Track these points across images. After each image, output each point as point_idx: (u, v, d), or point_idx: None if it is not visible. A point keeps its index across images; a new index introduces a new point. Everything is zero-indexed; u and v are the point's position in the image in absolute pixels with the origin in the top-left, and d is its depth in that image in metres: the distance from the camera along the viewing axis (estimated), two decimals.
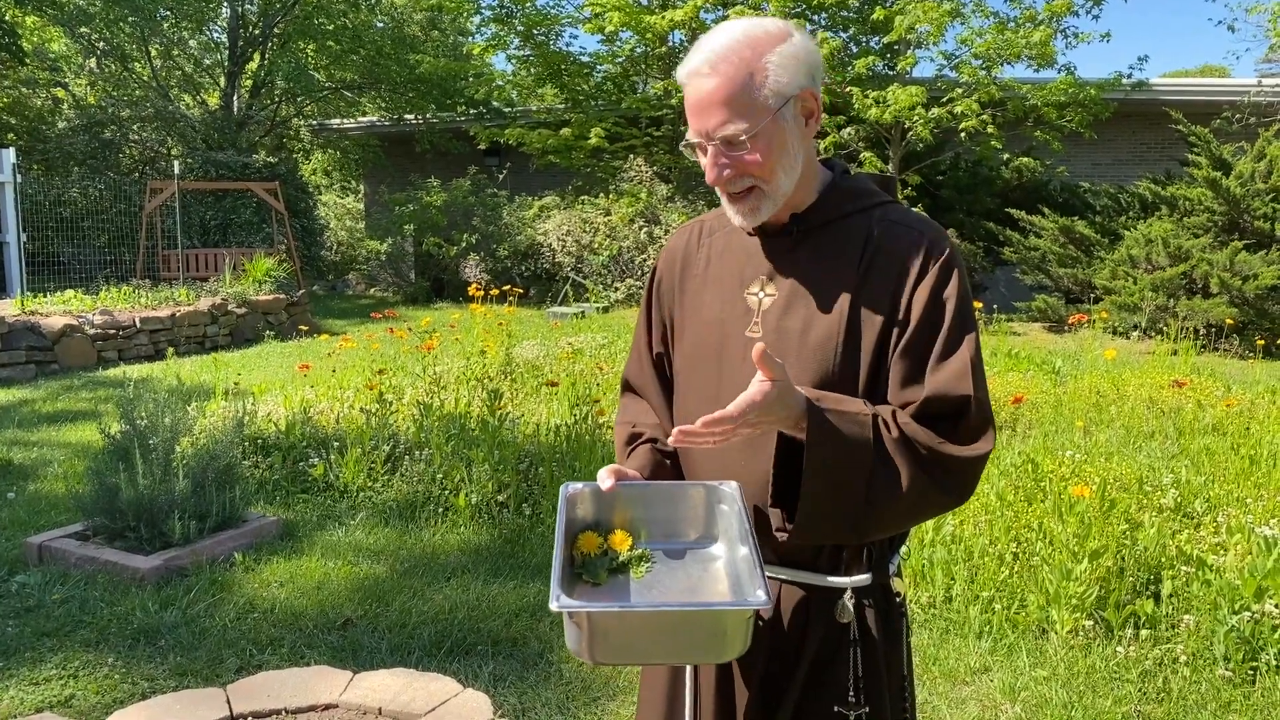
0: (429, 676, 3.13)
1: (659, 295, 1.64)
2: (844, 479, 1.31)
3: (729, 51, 1.36)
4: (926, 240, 1.42)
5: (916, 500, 1.34)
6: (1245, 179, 11.26)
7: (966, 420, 1.34)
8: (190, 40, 21.01)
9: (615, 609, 1.30)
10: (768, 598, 1.24)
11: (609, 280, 15.33)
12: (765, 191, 1.40)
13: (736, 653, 1.28)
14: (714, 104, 1.35)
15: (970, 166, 14.73)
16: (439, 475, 5.01)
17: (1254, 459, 4.96)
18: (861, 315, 1.40)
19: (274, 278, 12.68)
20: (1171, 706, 3.08)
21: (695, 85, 1.37)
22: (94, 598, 3.84)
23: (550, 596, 1.25)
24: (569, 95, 17.07)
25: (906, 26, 12.85)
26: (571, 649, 1.30)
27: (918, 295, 1.38)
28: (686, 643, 1.28)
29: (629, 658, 1.36)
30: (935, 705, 3.12)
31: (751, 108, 1.35)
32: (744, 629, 1.27)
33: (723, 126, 1.35)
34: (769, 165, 1.38)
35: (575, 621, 1.26)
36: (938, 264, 1.39)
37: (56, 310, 10.11)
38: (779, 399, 1.28)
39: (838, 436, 1.30)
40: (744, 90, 1.34)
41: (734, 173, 1.39)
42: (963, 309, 1.38)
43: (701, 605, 1.35)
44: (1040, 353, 9.32)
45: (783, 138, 1.38)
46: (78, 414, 7.34)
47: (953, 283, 1.39)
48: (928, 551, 3.88)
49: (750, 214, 1.43)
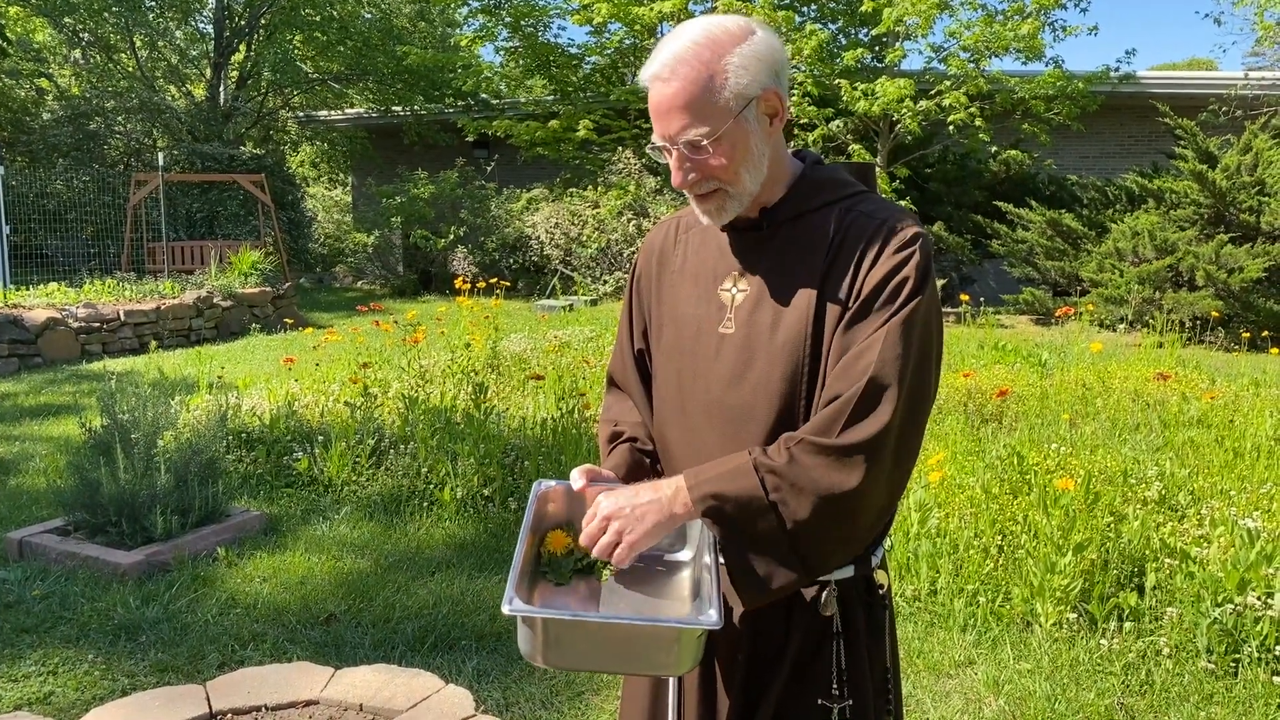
0: (410, 672, 3.11)
1: (639, 291, 1.64)
2: (753, 526, 1.30)
3: (688, 54, 1.34)
4: (887, 227, 1.39)
5: (836, 507, 1.29)
6: (1231, 172, 11.29)
7: (863, 401, 1.29)
8: (176, 31, 20.84)
9: (567, 617, 1.31)
10: (719, 618, 1.24)
11: (597, 273, 15.30)
12: (730, 193, 1.40)
13: (686, 668, 1.30)
14: (675, 109, 1.34)
15: (958, 159, 14.75)
16: (424, 469, 4.99)
17: (1238, 452, 4.98)
18: (826, 308, 1.38)
19: (260, 270, 12.61)
20: (1154, 699, 3.09)
21: (656, 90, 1.36)
22: (75, 593, 3.81)
23: (504, 599, 1.26)
24: (557, 87, 17.01)
25: (895, 19, 12.84)
26: (523, 651, 1.31)
27: (870, 278, 1.36)
28: (636, 655, 1.29)
29: (578, 664, 1.37)
30: (919, 698, 3.12)
31: (712, 111, 1.34)
32: (695, 646, 1.28)
33: (684, 131, 1.35)
34: (733, 168, 1.37)
35: (528, 625, 1.27)
36: (894, 247, 1.36)
37: (40, 303, 10.04)
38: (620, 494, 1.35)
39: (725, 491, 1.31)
40: (704, 94, 1.33)
41: (699, 175, 1.39)
42: (905, 288, 1.33)
43: (652, 621, 1.35)
44: (1027, 345, 9.34)
45: (745, 139, 1.37)
46: (60, 408, 7.29)
47: (907, 265, 1.35)
48: (913, 545, 3.88)
49: (716, 214, 1.43)
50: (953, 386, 6.44)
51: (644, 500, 1.33)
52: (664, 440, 1.56)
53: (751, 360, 1.41)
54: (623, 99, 15.78)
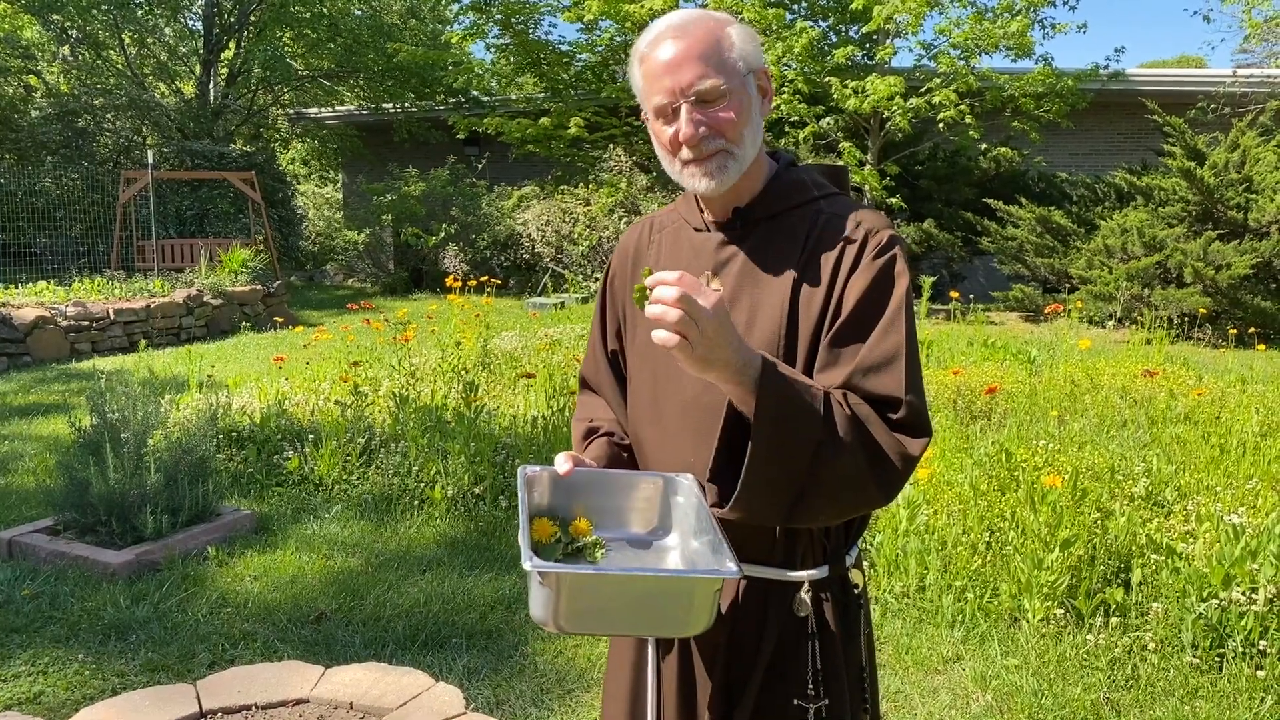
0: (401, 670, 3.12)
1: (613, 292, 1.64)
2: (791, 445, 1.26)
3: (694, 19, 1.39)
4: (864, 230, 1.39)
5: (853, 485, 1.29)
6: (1219, 169, 11.35)
7: (902, 419, 1.31)
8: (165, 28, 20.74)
9: (589, 571, 1.29)
10: (738, 569, 1.23)
11: (589, 270, 15.30)
12: (734, 154, 1.39)
13: (701, 627, 1.28)
14: (689, 59, 1.35)
15: (948, 156, 14.79)
16: (415, 468, 4.99)
17: (1224, 448, 5.01)
18: (799, 310, 1.39)
19: (250, 268, 12.58)
20: (1140, 694, 3.12)
21: (666, 48, 1.37)
22: (64, 593, 3.81)
23: (522, 556, 1.24)
24: (548, 84, 16.99)
25: (885, 16, 12.86)
26: (536, 616, 1.27)
27: (851, 286, 1.36)
28: (654, 612, 1.27)
29: (595, 626, 1.33)
30: (907, 694, 3.14)
31: (724, 66, 1.37)
32: (711, 602, 1.27)
33: (699, 80, 1.35)
34: (739, 126, 1.38)
35: (545, 584, 1.23)
36: (873, 254, 1.37)
37: (29, 302, 9.99)
38: (730, 326, 1.23)
39: (791, 398, 1.26)
40: (716, 50, 1.37)
41: (709, 130, 1.37)
42: (897, 305, 1.35)
43: (675, 572, 1.36)
44: (1017, 342, 9.37)
45: (749, 104, 1.40)
46: (49, 407, 7.26)
47: (889, 277, 1.36)
48: (901, 541, 3.90)
49: (718, 173, 1.39)
50: (942, 383, 6.46)
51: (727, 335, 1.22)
52: (639, 440, 1.57)
53: None
54: (614, 96, 15.76)
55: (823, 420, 1.27)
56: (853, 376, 1.32)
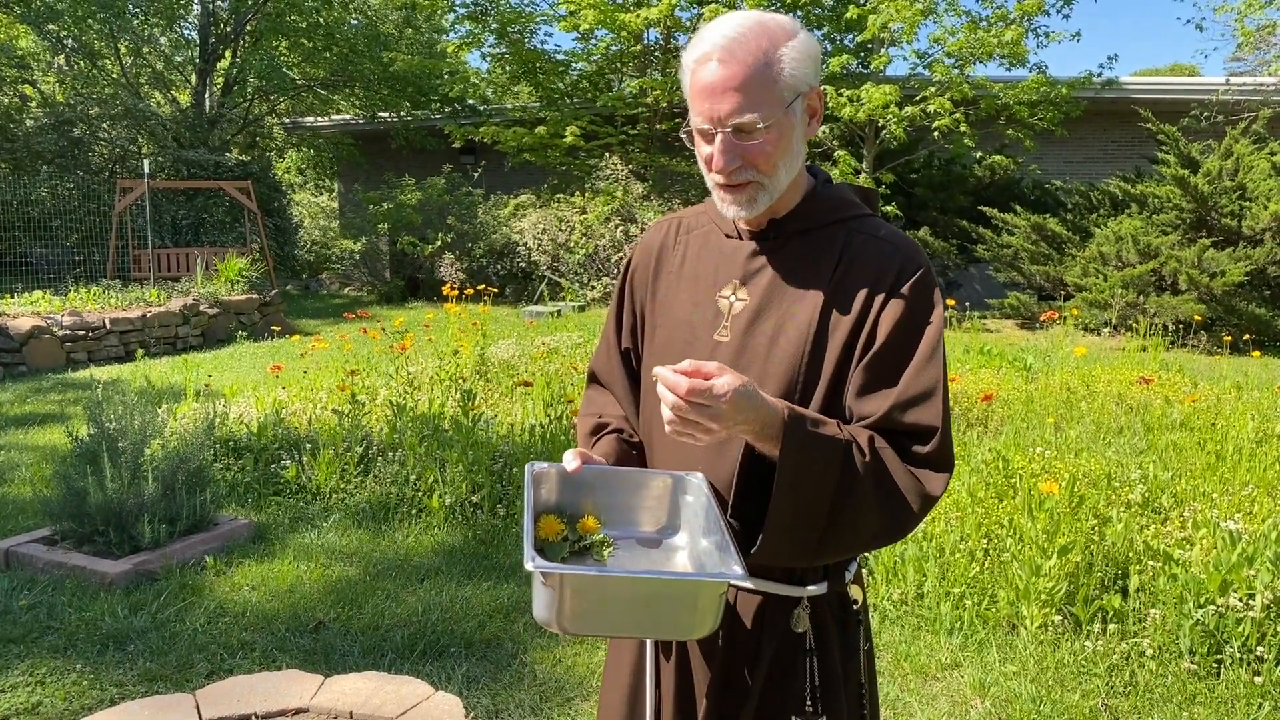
0: (400, 679, 3.12)
1: (632, 288, 1.62)
2: (811, 497, 1.28)
3: (746, 38, 1.32)
4: (901, 258, 1.39)
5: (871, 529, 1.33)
6: (1213, 177, 11.40)
7: (932, 452, 1.32)
8: (160, 37, 20.75)
9: (592, 572, 1.28)
10: (744, 571, 1.23)
11: (585, 279, 15.32)
12: (764, 185, 1.37)
13: (706, 630, 1.27)
14: (730, 90, 1.31)
15: (943, 164, 14.84)
16: (412, 476, 4.99)
17: (1219, 454, 5.03)
18: (829, 328, 1.38)
19: (247, 277, 12.57)
20: (1138, 700, 3.12)
21: (709, 71, 1.32)
22: (62, 603, 3.80)
23: (525, 557, 1.22)
24: (544, 93, 17.03)
25: (880, 25, 12.93)
26: (539, 617, 1.26)
27: (886, 315, 1.35)
28: (659, 614, 1.26)
29: (598, 627, 1.30)
30: (906, 701, 3.14)
31: (766, 98, 1.32)
32: (716, 605, 1.26)
33: (736, 114, 1.31)
34: (774, 159, 1.36)
35: (548, 585, 1.22)
36: (911, 285, 1.36)
37: (24, 311, 9.98)
38: (749, 397, 1.24)
39: (812, 455, 1.27)
40: (761, 79, 1.31)
41: (743, 162, 1.36)
42: (935, 337, 1.35)
43: (680, 575, 1.34)
44: (1012, 350, 9.40)
45: (790, 133, 1.36)
46: (46, 416, 7.25)
47: (926, 309, 1.36)
48: (900, 549, 3.90)
49: (746, 205, 1.39)
50: None
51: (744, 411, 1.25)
52: (649, 441, 1.55)
53: (745, 371, 1.38)
54: (610, 105, 15.81)
55: (840, 469, 1.29)
56: (893, 411, 1.33)
